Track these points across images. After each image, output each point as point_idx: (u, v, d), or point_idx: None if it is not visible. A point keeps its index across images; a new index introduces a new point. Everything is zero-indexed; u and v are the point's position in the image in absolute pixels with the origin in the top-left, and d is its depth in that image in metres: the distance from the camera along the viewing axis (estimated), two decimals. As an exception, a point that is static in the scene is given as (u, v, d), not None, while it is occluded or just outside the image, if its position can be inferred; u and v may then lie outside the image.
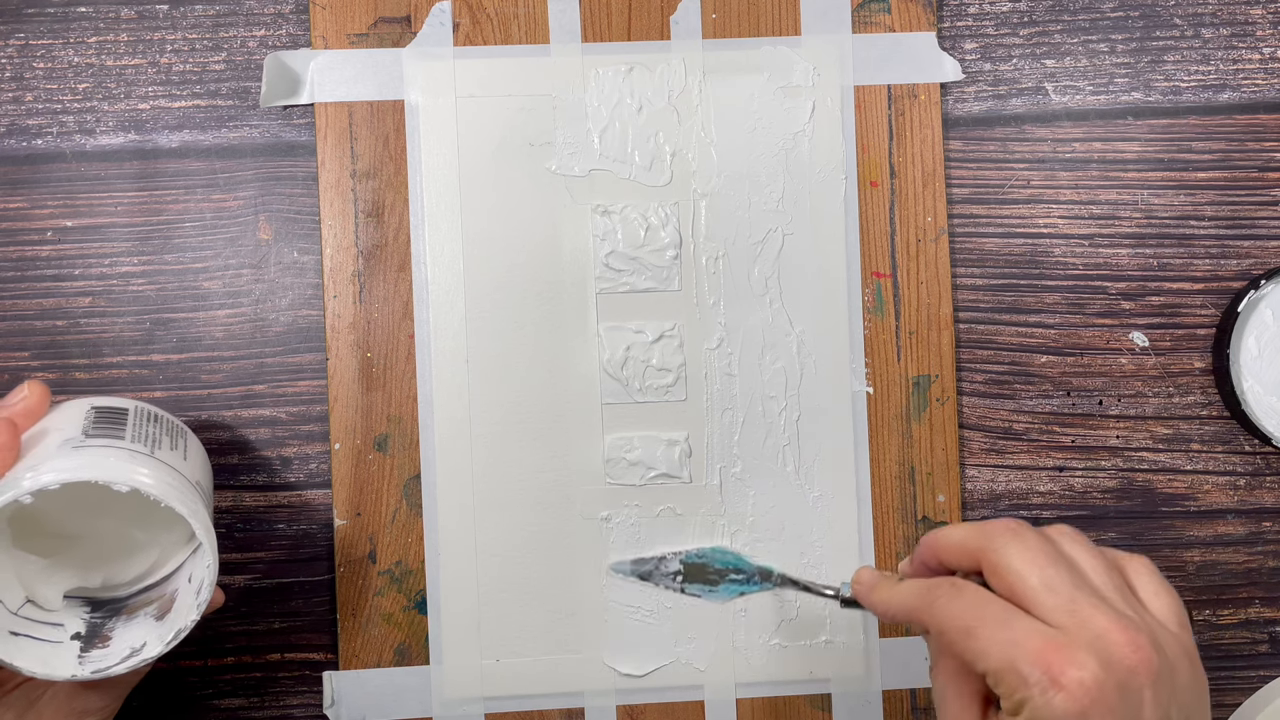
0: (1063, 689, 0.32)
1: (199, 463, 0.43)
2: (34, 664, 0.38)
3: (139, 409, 0.42)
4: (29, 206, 0.48)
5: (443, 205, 0.48)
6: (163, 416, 0.43)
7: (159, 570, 0.43)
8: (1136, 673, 0.33)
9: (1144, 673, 0.33)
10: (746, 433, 0.49)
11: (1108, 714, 0.32)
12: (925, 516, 0.49)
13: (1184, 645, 0.35)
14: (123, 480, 0.37)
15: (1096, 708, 0.32)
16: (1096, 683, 0.32)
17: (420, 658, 0.48)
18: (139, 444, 0.40)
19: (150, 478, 0.38)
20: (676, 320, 0.49)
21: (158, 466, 0.39)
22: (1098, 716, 0.32)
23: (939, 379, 0.49)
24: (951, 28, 0.51)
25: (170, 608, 0.40)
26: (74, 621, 0.41)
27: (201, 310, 0.49)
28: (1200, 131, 0.51)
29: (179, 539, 0.43)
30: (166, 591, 0.42)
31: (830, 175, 0.49)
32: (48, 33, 0.49)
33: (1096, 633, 0.33)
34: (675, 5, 0.49)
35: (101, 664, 0.39)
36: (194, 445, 0.44)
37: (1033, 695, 0.33)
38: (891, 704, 0.49)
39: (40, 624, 0.40)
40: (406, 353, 0.48)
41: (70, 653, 0.39)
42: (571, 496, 0.48)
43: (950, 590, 0.36)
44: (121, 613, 0.41)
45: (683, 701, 0.49)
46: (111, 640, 0.40)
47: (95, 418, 0.40)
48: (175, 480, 0.39)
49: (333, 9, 0.48)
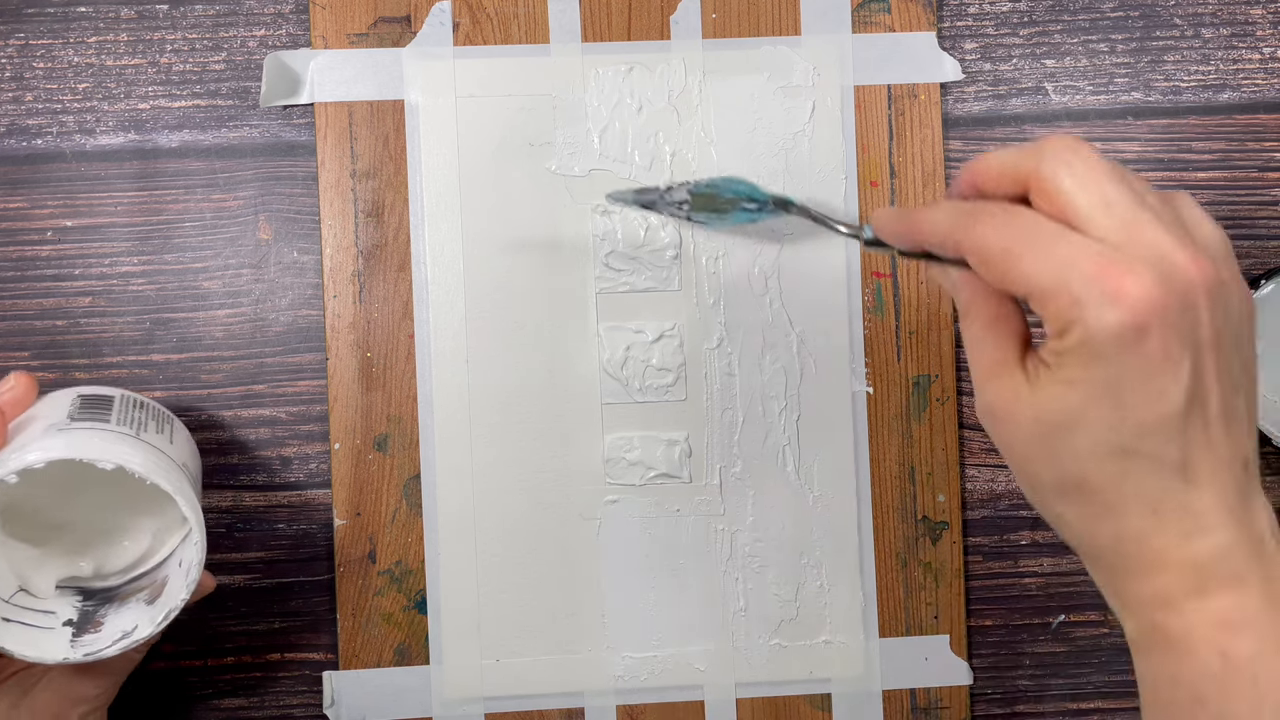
0: (1119, 302, 0.30)
1: (186, 448, 0.43)
2: (25, 647, 0.38)
3: (125, 396, 0.42)
4: (29, 206, 0.48)
5: (443, 205, 0.48)
6: (149, 403, 0.43)
7: (150, 559, 0.44)
8: (1196, 288, 0.31)
9: (1203, 289, 0.31)
10: (746, 433, 0.49)
11: (1168, 330, 0.30)
12: (925, 516, 0.49)
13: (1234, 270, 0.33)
14: (107, 458, 0.37)
15: (1156, 322, 0.30)
16: (1157, 296, 0.30)
17: (420, 658, 0.48)
18: (124, 427, 0.40)
19: (135, 456, 0.38)
20: (676, 320, 0.49)
21: (142, 447, 0.39)
22: (1157, 331, 0.30)
23: (939, 379, 0.49)
24: (951, 28, 0.51)
25: (161, 592, 0.40)
26: (66, 609, 0.41)
27: (201, 310, 0.49)
28: (1200, 131, 0.51)
29: (169, 527, 0.44)
30: (158, 578, 0.42)
31: (830, 175, 0.49)
32: (48, 33, 0.49)
33: (1157, 249, 0.31)
34: (675, 5, 0.49)
35: (93, 647, 0.39)
36: (181, 432, 0.44)
37: (1086, 313, 0.30)
38: (891, 704, 0.49)
39: (33, 611, 0.40)
40: (406, 353, 0.48)
41: (62, 638, 0.39)
42: (571, 496, 0.48)
43: (996, 210, 0.33)
44: (114, 600, 0.42)
45: (683, 701, 0.49)
46: (104, 625, 0.40)
47: (81, 404, 0.41)
48: (160, 460, 0.39)
49: (333, 9, 0.48)
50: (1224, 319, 0.32)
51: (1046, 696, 0.51)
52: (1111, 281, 0.30)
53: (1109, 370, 0.31)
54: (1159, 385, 0.31)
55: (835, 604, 0.49)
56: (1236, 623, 0.31)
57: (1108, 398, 0.31)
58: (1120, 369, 0.31)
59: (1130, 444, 0.31)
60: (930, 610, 0.49)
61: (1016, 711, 0.51)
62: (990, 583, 0.50)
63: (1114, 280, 0.30)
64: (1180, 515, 0.32)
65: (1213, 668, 0.31)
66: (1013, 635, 0.51)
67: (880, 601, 0.49)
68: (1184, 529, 0.32)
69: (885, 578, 0.49)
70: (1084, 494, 0.32)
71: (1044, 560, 0.51)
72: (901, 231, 0.36)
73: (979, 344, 0.35)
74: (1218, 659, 0.31)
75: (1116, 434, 0.31)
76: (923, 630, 0.49)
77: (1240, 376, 0.32)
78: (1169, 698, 0.32)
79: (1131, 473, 0.32)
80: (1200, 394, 0.31)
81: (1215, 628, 0.31)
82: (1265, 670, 0.31)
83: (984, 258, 0.32)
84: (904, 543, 0.49)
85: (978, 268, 0.33)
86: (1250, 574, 0.32)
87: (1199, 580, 0.32)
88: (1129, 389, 0.31)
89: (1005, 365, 0.34)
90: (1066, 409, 0.32)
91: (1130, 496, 0.32)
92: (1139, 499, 0.32)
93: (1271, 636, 0.31)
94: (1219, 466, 0.32)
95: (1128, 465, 0.32)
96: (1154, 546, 0.32)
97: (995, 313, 0.34)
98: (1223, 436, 0.32)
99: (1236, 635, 0.31)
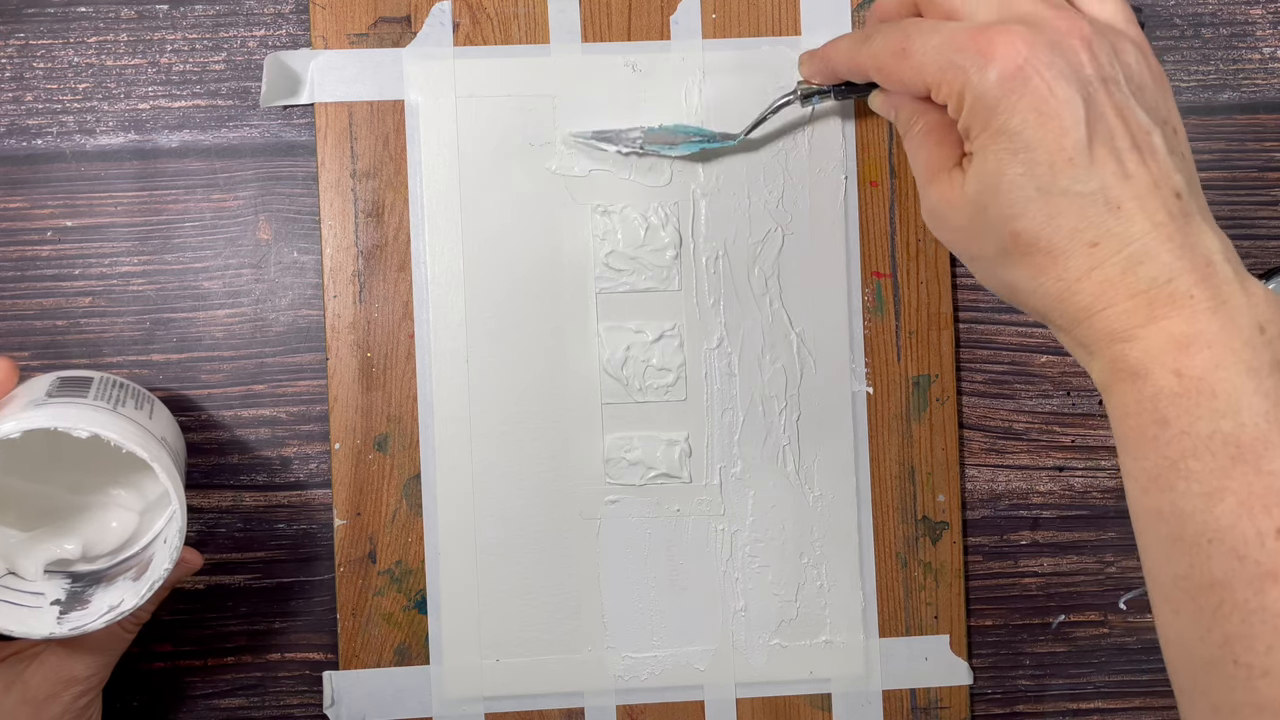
0: (994, 59, 0.33)
1: (168, 426, 0.44)
2: (11, 623, 0.39)
3: (104, 377, 0.43)
4: (29, 206, 0.48)
5: (443, 205, 0.48)
6: (129, 384, 0.43)
7: (137, 542, 0.44)
8: (1068, 34, 0.33)
9: (1076, 35, 0.34)
10: (746, 433, 0.49)
11: (1046, 70, 0.33)
12: (925, 516, 0.49)
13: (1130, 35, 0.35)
14: (81, 426, 0.37)
15: (1032, 65, 0.33)
16: (1027, 42, 0.33)
17: (420, 658, 0.48)
18: (101, 401, 0.40)
19: (111, 425, 0.38)
20: (676, 320, 0.49)
21: (119, 418, 0.40)
22: (1036, 73, 0.33)
23: (939, 379, 0.49)
24: (951, 28, 0.50)
25: (147, 569, 0.41)
26: (55, 591, 0.41)
27: (201, 310, 0.49)
28: (1200, 131, 0.51)
29: (155, 508, 0.44)
30: (145, 558, 0.42)
31: (830, 175, 0.49)
32: (48, 33, 0.49)
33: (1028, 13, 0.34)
34: (675, 5, 0.49)
35: (80, 622, 0.39)
36: (162, 411, 0.44)
37: (969, 77, 0.33)
38: (891, 704, 0.49)
39: (21, 592, 0.41)
40: (406, 353, 0.48)
41: (49, 615, 0.40)
42: (571, 496, 0.48)
43: (883, 28, 0.37)
44: (101, 581, 0.42)
45: (683, 701, 0.49)
46: (91, 603, 0.40)
47: (60, 384, 0.41)
48: (137, 431, 0.39)
49: (333, 9, 0.48)
50: (1111, 63, 0.34)
51: (1046, 696, 0.51)
52: (983, 44, 0.33)
53: (1007, 122, 0.33)
54: (1055, 123, 0.33)
55: (835, 604, 0.49)
56: (1189, 341, 0.32)
57: (1015, 149, 0.33)
58: (1014, 118, 0.33)
59: (1047, 183, 0.33)
60: (930, 610, 0.49)
61: (1016, 711, 0.51)
62: (990, 583, 0.50)
63: (985, 42, 0.33)
64: (1118, 245, 0.33)
65: (1171, 387, 0.32)
66: (1013, 635, 0.51)
67: (880, 601, 0.49)
68: (1124, 258, 0.33)
69: (885, 578, 0.49)
70: (1024, 250, 0.34)
71: (1044, 560, 0.51)
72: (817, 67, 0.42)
73: (917, 152, 0.38)
74: (1173, 378, 0.32)
75: (1033, 178, 0.33)
76: (923, 630, 0.49)
77: (1151, 117, 0.34)
78: (1135, 426, 0.33)
79: (1059, 213, 0.33)
80: (1101, 127, 0.33)
81: (1169, 349, 0.32)
82: (1222, 383, 0.32)
83: (879, 66, 0.37)
84: (904, 543, 0.49)
85: (879, 80, 0.38)
86: (1200, 293, 0.33)
87: (1149, 307, 0.33)
88: (1030, 133, 0.33)
89: (942, 167, 0.37)
90: (987, 173, 0.34)
91: (1064, 237, 0.33)
92: (1073, 237, 0.33)
93: (1226, 350, 0.32)
94: (1144, 195, 0.33)
95: (1053, 206, 0.33)
96: (1099, 280, 0.33)
97: (927, 121, 0.38)
98: (1139, 168, 0.33)
99: (1189, 353, 0.32)
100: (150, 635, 0.48)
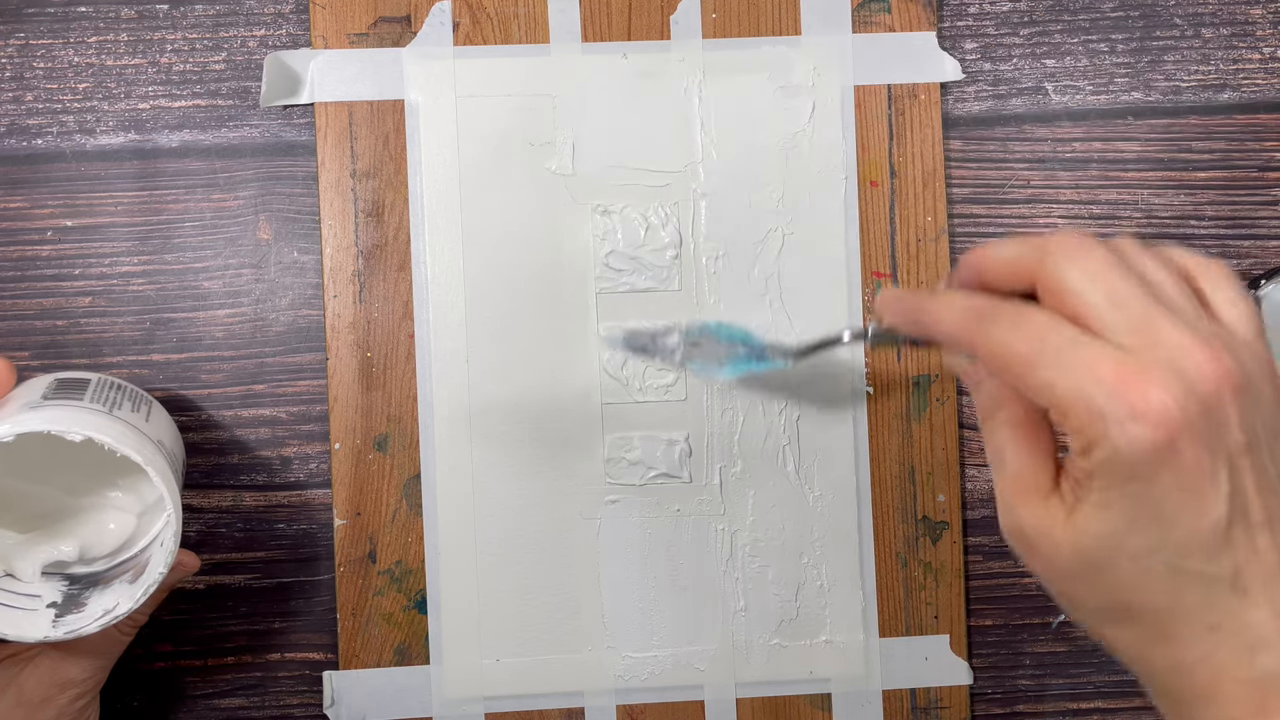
0: (1144, 418, 0.29)
1: (165, 429, 0.43)
2: (5, 627, 0.39)
3: (102, 379, 0.43)
4: (29, 206, 0.48)
5: (443, 205, 0.48)
6: (127, 386, 0.43)
7: (134, 545, 0.44)
8: (1220, 390, 0.29)
9: (1228, 389, 0.29)
10: (746, 433, 0.49)
11: (1197, 441, 0.29)
12: (925, 516, 0.49)
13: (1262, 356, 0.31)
14: (76, 429, 0.37)
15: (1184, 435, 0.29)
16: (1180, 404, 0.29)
17: (420, 657, 0.48)
18: (97, 404, 0.40)
19: (104, 428, 0.38)
20: (676, 320, 0.49)
21: (114, 421, 0.40)
22: (1187, 445, 0.29)
23: (939, 379, 0.49)
24: (951, 27, 0.50)
25: (143, 572, 0.41)
26: (51, 593, 0.41)
27: (201, 310, 0.49)
28: (1200, 131, 0.51)
29: (153, 512, 0.44)
30: (142, 561, 0.42)
31: (830, 175, 0.49)
32: (48, 33, 0.49)
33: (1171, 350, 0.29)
34: (675, 5, 0.49)
35: (75, 626, 0.39)
36: (160, 413, 0.44)
37: (1110, 429, 0.29)
38: (891, 704, 0.49)
39: (17, 594, 0.41)
40: (406, 353, 0.48)
41: (45, 618, 0.40)
42: (571, 496, 0.48)
43: (1009, 312, 0.31)
44: (98, 584, 0.42)
45: (683, 701, 0.49)
46: (87, 605, 0.40)
47: (57, 386, 0.41)
48: (132, 434, 0.39)
49: (333, 9, 0.48)
50: (1254, 415, 0.30)
51: (1046, 696, 0.51)
52: (1134, 394, 0.29)
53: (1144, 489, 0.29)
54: (1197, 500, 0.29)
55: (835, 604, 0.49)
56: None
57: (1147, 518, 0.30)
58: (1155, 487, 0.29)
59: (1177, 563, 0.30)
60: (930, 610, 0.49)
61: (1016, 711, 0.51)
62: (990, 583, 0.50)
63: (1136, 393, 0.29)
64: (1238, 632, 0.30)
65: None
66: (1013, 635, 0.51)
67: (880, 601, 0.49)
68: (1243, 645, 0.30)
69: (885, 578, 0.49)
70: (1134, 618, 0.31)
71: (1044, 560, 0.51)
72: (909, 318, 0.35)
73: (1004, 452, 0.33)
74: None
75: (1161, 555, 0.30)
76: (923, 630, 0.49)
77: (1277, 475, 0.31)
78: None
79: (1182, 593, 0.30)
80: (1240, 503, 0.30)
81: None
82: None
83: (1002, 364, 0.31)
84: (904, 543, 0.49)
85: (993, 372, 0.32)
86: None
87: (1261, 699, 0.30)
88: (1167, 506, 0.29)
89: (1038, 488, 0.32)
90: (1106, 534, 0.30)
91: (1184, 618, 0.30)
92: (1193, 619, 0.30)
93: None
94: (1270, 578, 0.30)
95: (1177, 586, 0.30)
96: (1214, 667, 0.30)
97: (1021, 416, 0.33)
98: (1269, 543, 0.30)
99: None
100: (150, 635, 0.48)
